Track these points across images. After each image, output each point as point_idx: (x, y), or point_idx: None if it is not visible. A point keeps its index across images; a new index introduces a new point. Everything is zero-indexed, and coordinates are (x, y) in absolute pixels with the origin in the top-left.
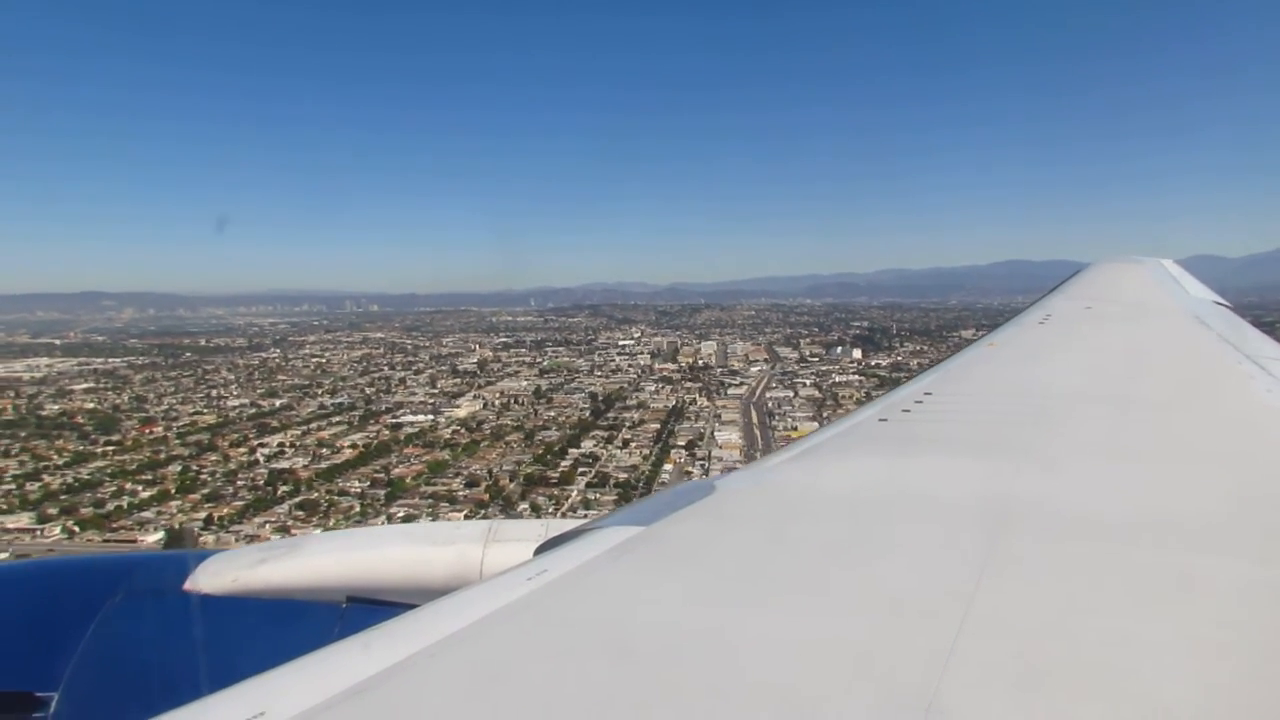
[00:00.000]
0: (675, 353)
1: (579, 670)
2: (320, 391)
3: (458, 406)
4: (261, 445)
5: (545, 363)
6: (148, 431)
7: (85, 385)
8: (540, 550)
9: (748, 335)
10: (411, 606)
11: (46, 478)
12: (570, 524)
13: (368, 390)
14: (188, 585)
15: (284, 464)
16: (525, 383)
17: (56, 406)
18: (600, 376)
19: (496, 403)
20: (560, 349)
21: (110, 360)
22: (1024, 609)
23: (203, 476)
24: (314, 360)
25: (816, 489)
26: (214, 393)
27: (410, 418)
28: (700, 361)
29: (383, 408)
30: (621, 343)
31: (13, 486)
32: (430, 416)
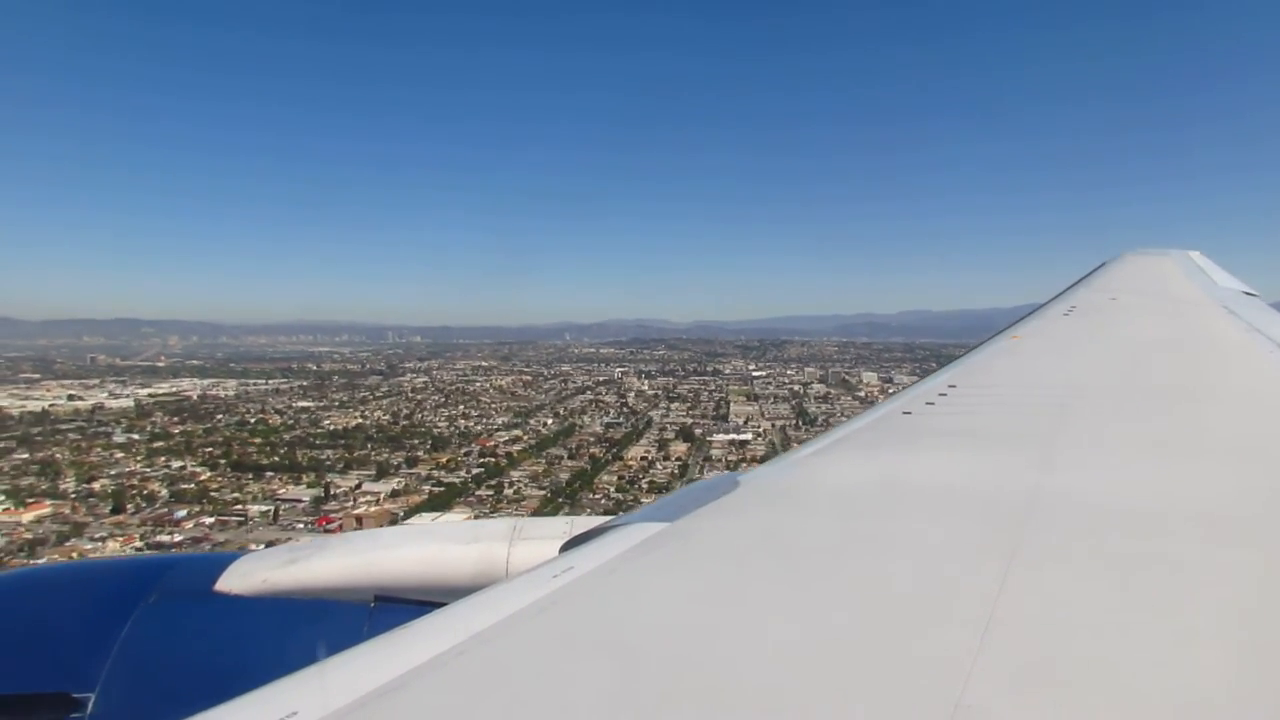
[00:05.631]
0: (842, 381)
1: (607, 667)
2: (563, 413)
3: (746, 428)
4: (633, 459)
5: (732, 389)
6: (487, 445)
7: (306, 404)
8: (565, 548)
9: (876, 368)
10: (439, 605)
11: (496, 484)
12: (594, 521)
13: (610, 412)
14: (219, 586)
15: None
16: (753, 406)
17: (330, 424)
18: (819, 403)
19: (777, 423)
20: (705, 378)
21: (271, 381)
22: (1052, 605)
23: (652, 481)
24: (479, 385)
25: (841, 483)
26: (452, 411)
27: (727, 436)
28: (890, 390)
29: (674, 426)
30: (755, 374)
31: (499, 493)
32: (749, 436)
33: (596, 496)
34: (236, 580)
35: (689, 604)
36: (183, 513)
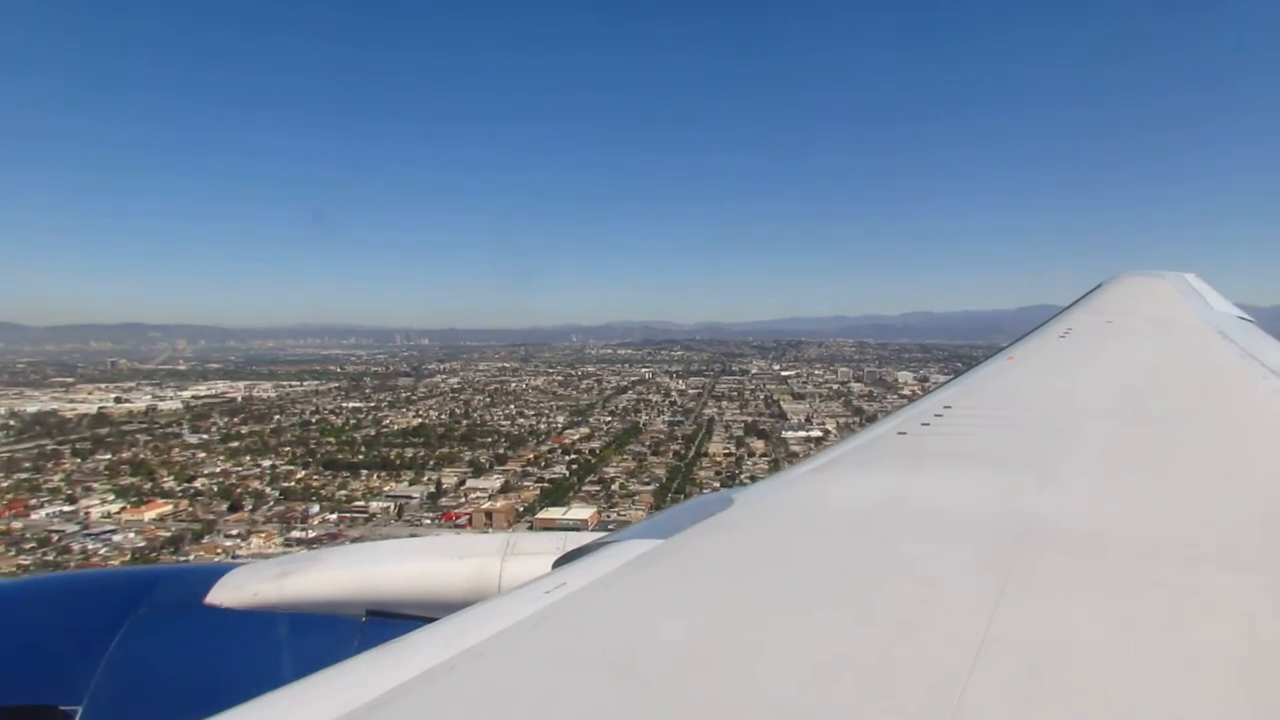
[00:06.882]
0: (879, 380)
1: (598, 684)
2: (616, 411)
3: (812, 424)
4: (718, 454)
5: (770, 388)
6: (562, 442)
7: (355, 404)
8: (559, 563)
9: (904, 367)
10: (431, 620)
11: (598, 479)
12: (588, 537)
13: (665, 411)
14: (209, 599)
15: None
16: (803, 405)
17: (390, 423)
18: (867, 401)
19: (840, 420)
20: (736, 378)
21: (307, 382)
22: (1044, 627)
23: (752, 475)
24: (515, 385)
25: (835, 503)
26: (506, 410)
27: (799, 433)
28: (929, 387)
29: (736, 424)
30: (784, 374)
31: (607, 488)
32: (819, 432)
33: (706, 491)
34: (228, 593)
35: (681, 621)
36: (315, 509)
